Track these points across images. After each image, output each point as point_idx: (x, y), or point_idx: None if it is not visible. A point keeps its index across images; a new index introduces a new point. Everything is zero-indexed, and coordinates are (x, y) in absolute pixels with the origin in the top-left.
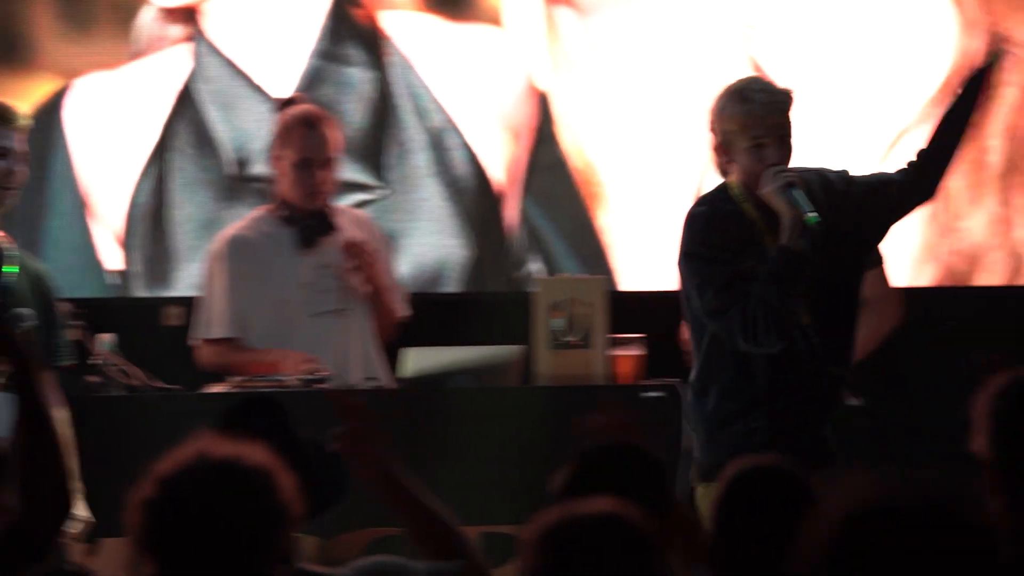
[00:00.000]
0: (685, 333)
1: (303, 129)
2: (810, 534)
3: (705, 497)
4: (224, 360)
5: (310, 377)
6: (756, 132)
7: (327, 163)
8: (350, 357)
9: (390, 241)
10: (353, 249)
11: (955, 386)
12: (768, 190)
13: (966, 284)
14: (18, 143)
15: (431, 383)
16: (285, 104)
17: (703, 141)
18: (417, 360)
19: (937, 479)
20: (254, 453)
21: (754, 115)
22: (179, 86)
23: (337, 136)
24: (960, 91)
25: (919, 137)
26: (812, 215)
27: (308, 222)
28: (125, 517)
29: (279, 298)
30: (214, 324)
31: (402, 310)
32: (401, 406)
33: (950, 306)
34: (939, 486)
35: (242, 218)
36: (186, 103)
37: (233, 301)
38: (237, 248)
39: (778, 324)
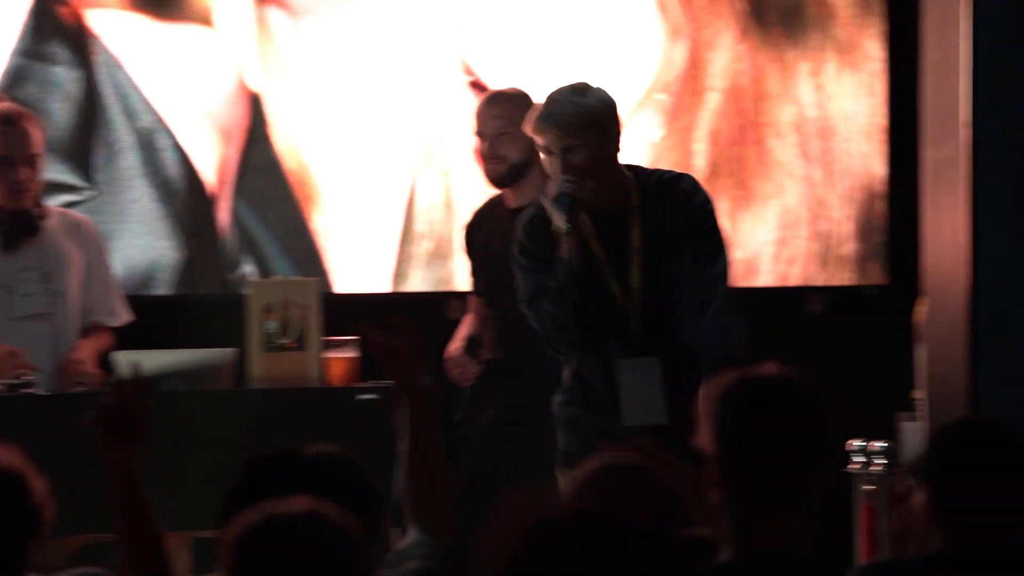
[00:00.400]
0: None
1: (0, 127)
2: (493, 541)
3: (564, 482)
4: None
5: (15, 382)
6: (543, 143)
7: (29, 160)
8: (55, 363)
9: (107, 243)
10: (70, 369)
11: None
12: (544, 199)
13: None
14: None
15: (142, 386)
16: None
17: (415, 142)
18: (126, 364)
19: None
20: (5, 456)
21: (537, 127)
22: None
23: (38, 133)
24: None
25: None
26: (562, 225)
27: (10, 223)
28: None
29: None
30: None
31: (122, 315)
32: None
33: None
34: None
35: None
36: None
37: None
38: None
39: (567, 338)
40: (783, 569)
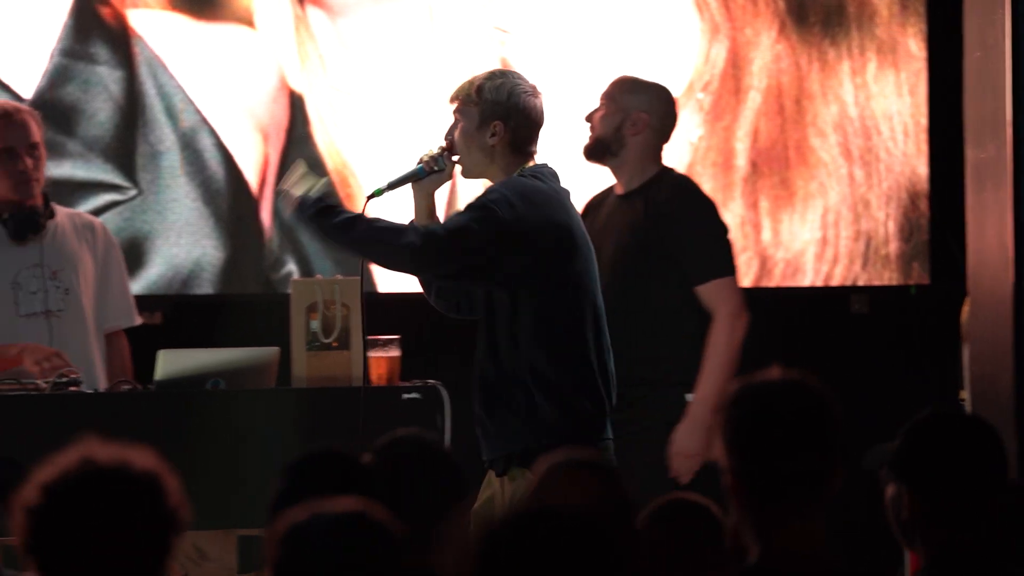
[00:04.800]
0: None
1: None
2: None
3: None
4: None
5: (62, 380)
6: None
7: (31, 150)
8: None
9: (119, 247)
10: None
11: None
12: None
13: None
14: None
15: (184, 385)
16: None
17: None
18: (169, 362)
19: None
20: (140, 457)
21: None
22: None
23: (36, 125)
24: None
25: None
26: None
27: (18, 217)
28: (9, 522)
29: None
30: None
31: (136, 317)
32: (156, 408)
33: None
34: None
35: None
36: None
37: None
38: None
39: None
40: (807, 571)
